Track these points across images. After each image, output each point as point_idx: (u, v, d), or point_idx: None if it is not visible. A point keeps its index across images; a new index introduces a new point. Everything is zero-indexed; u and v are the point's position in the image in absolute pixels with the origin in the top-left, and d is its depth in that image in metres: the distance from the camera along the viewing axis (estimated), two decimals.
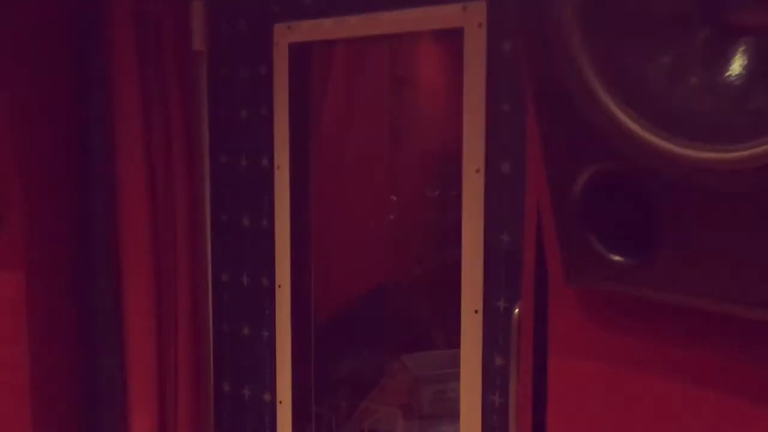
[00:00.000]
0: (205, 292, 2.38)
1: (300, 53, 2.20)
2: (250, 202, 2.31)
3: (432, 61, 4.64)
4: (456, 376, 4.15)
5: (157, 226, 2.21)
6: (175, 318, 2.26)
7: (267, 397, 2.32)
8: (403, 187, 4.50)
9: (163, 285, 2.23)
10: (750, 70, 0.90)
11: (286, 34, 2.17)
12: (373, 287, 4.29)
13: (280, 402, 2.28)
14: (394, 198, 4.54)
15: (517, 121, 1.81)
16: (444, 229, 4.52)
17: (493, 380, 1.89)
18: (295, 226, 2.24)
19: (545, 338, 1.48)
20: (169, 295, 2.25)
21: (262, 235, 2.29)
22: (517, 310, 1.80)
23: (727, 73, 0.93)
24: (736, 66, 0.92)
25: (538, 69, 1.06)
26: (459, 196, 1.89)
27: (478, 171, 1.87)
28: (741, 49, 0.91)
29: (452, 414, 4.07)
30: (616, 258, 1.07)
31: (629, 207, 1.05)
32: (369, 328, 4.19)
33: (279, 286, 2.26)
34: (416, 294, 4.69)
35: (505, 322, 1.87)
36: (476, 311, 1.90)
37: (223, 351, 2.41)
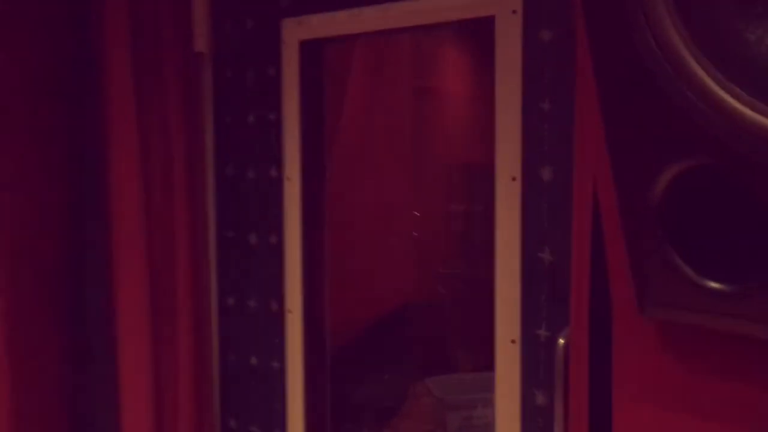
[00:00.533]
0: (209, 317, 2.15)
1: (312, 52, 1.98)
2: (258, 217, 2.09)
3: (454, 70, 4.46)
4: (484, 402, 3.91)
5: (155, 244, 1.99)
6: (175, 347, 2.03)
7: None
8: (426, 201, 4.29)
9: (162, 311, 2.01)
10: None
11: (296, 31, 1.95)
12: (395, 307, 4.09)
13: None
14: (417, 213, 4.32)
15: (559, 120, 1.57)
16: (470, 246, 4.29)
17: (533, 421, 1.64)
18: (307, 244, 2.00)
19: (602, 375, 1.23)
20: (169, 322, 2.02)
21: (271, 254, 2.06)
22: (562, 341, 1.55)
23: None
24: None
25: (608, 42, 0.82)
26: (488, 210, 1.66)
27: (514, 179, 1.63)
28: None
29: None
30: (711, 284, 0.82)
31: (728, 216, 0.80)
32: (391, 350, 3.99)
33: (290, 312, 2.02)
34: (441, 314, 4.48)
35: (548, 353, 1.62)
36: (513, 341, 1.64)
37: (229, 383, 2.18)
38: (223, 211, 2.15)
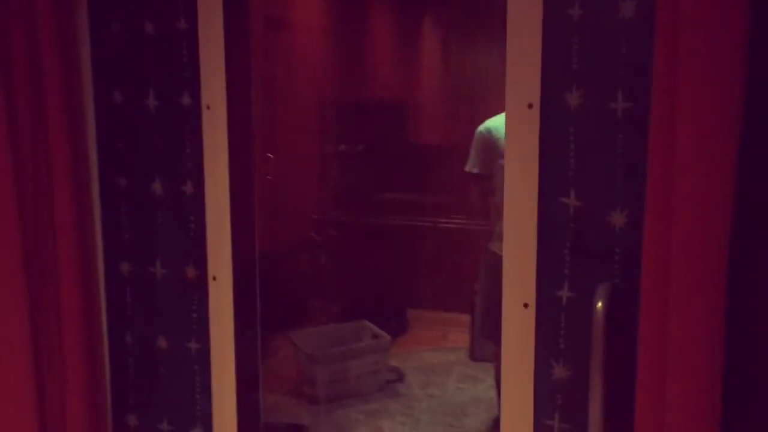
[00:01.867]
0: (95, 289, 1.64)
1: None
2: (164, 159, 1.59)
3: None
4: (355, 352, 3.67)
5: (21, 198, 1.44)
6: (59, 330, 1.52)
7: None
8: (295, 142, 3.89)
9: (36, 284, 1.48)
10: None
11: None
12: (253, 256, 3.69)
13: None
14: (271, 156, 3.93)
15: (594, 29, 1.25)
16: (349, 189, 3.97)
17: (551, 398, 1.37)
18: (237, 190, 1.56)
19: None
20: (46, 300, 1.50)
21: (184, 206, 1.59)
22: (600, 304, 1.29)
23: None
24: None
25: None
26: (369, 150, 1.37)
27: (530, 106, 1.31)
28: None
29: (354, 396, 3.61)
30: None
31: None
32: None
33: (214, 278, 1.58)
34: (309, 262, 4.18)
35: (570, 319, 1.35)
36: (526, 305, 1.35)
37: (126, 372, 1.69)
38: (109, 152, 1.63)
